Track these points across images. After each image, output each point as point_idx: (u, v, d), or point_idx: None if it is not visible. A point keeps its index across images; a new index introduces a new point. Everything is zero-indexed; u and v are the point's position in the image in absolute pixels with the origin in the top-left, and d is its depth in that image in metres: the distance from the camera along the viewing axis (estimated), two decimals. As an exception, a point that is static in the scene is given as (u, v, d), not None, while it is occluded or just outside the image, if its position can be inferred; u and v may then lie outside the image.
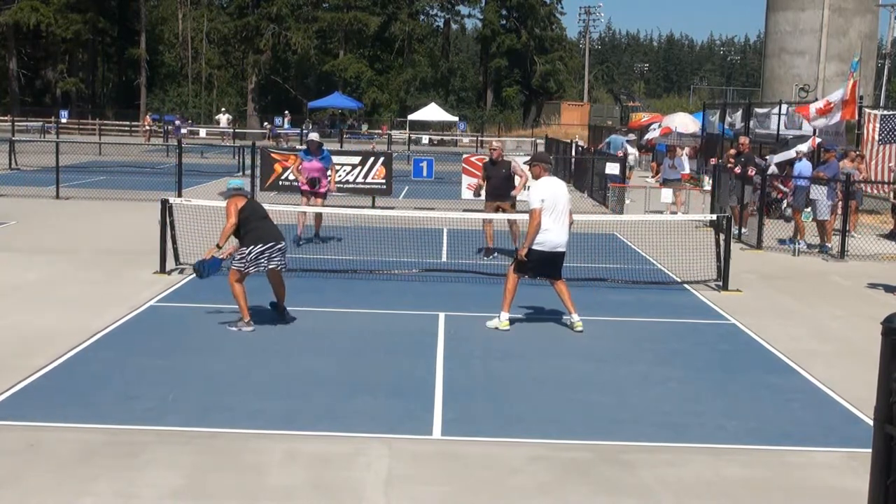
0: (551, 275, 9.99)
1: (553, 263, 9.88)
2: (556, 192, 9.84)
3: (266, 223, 9.64)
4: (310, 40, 70.72)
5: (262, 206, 9.93)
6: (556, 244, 9.77)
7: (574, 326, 9.94)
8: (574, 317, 9.94)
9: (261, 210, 9.79)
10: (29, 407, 7.01)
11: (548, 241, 9.70)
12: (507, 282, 9.94)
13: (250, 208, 9.62)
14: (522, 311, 10.75)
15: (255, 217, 9.59)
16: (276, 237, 9.59)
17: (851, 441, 6.76)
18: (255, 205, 9.87)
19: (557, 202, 9.79)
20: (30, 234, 15.79)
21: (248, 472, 5.93)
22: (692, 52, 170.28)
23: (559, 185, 10.09)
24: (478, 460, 6.25)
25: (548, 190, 9.78)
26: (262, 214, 9.72)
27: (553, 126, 65.54)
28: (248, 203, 9.67)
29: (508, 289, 9.89)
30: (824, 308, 11.76)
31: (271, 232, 9.61)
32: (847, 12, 30.55)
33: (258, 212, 9.70)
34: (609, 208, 22.21)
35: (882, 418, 3.84)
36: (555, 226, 9.72)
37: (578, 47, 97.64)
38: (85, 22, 65.69)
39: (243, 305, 9.46)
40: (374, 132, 59.01)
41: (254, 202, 9.94)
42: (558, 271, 9.97)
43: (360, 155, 21.69)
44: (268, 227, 9.62)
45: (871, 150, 22.17)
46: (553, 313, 10.64)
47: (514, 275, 9.90)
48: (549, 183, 9.91)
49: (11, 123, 45.80)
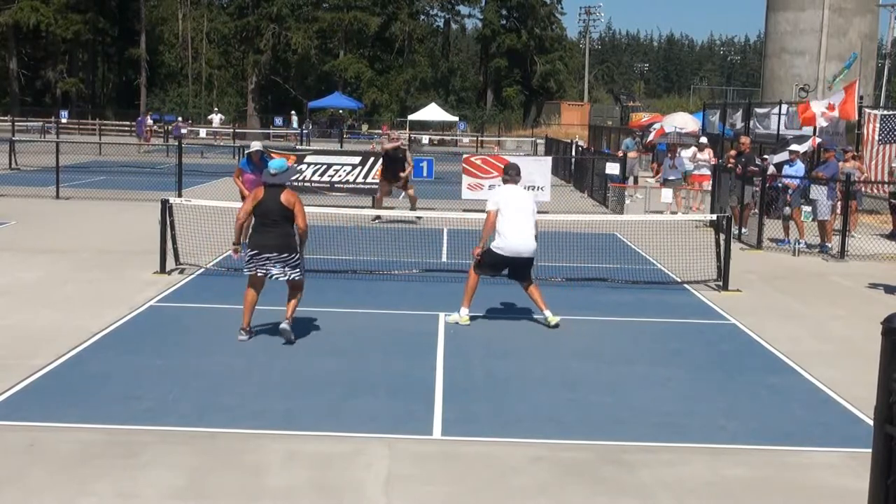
0: (517, 278, 10.17)
1: (515, 268, 10.05)
2: (512, 199, 9.97)
3: (260, 227, 9.02)
4: (310, 40, 70.73)
5: (276, 206, 8.94)
6: (514, 250, 9.88)
7: (549, 321, 10.01)
8: (547, 313, 10.04)
9: (270, 209, 8.96)
10: (29, 407, 7.01)
11: (506, 247, 9.87)
12: (468, 279, 10.17)
13: (261, 206, 9.01)
14: (522, 310, 10.75)
15: (259, 215, 9.05)
16: (260, 245, 8.92)
17: (851, 441, 6.76)
18: (270, 202, 8.99)
19: (519, 206, 9.91)
20: (30, 234, 15.79)
21: (248, 473, 5.93)
22: (692, 52, 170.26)
23: (518, 192, 10.18)
24: (478, 460, 6.25)
25: (503, 196, 10.04)
26: (271, 216, 8.96)
27: (553, 126, 65.53)
28: (265, 197, 8.99)
29: (469, 286, 10.13)
30: (824, 308, 11.76)
31: (257, 239, 8.99)
32: (847, 12, 30.55)
33: (265, 213, 8.99)
34: (609, 208, 22.21)
35: (882, 418, 3.84)
36: (512, 232, 9.83)
37: (578, 47, 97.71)
38: (85, 22, 65.75)
39: (244, 312, 9.15)
40: (374, 132, 59.04)
41: (272, 201, 8.98)
42: (524, 276, 10.12)
43: (360, 155, 21.69)
44: (260, 231, 9.00)
45: (870, 150, 22.16)
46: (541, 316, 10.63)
47: (474, 273, 10.14)
48: (506, 190, 10.15)
49: (11, 123, 45.80)
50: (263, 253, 8.91)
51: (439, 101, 67.19)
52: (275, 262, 8.93)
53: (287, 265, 8.96)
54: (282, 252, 8.92)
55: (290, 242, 8.97)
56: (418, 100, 69.94)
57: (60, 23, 64.53)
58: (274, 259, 8.92)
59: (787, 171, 18.03)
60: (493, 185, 20.50)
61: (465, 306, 10.10)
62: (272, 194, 8.97)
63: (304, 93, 72.95)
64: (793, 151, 18.81)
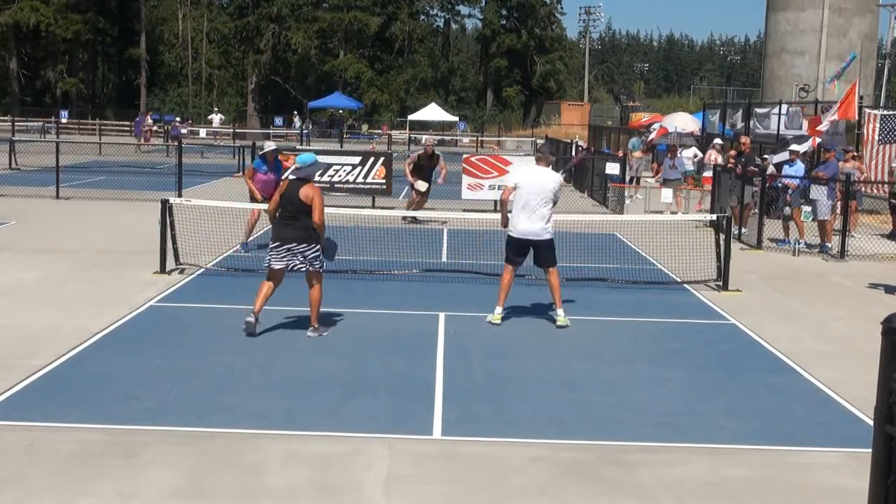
0: (537, 262, 10.28)
1: (530, 250, 10.14)
2: (532, 180, 10.00)
3: (281, 219, 9.26)
4: (310, 40, 70.75)
5: (295, 200, 9.15)
6: (522, 231, 9.99)
7: (556, 321, 10.06)
8: (559, 312, 10.09)
9: (290, 203, 9.18)
10: (29, 407, 7.01)
11: (515, 228, 10.05)
12: (502, 276, 10.26)
13: (282, 199, 9.24)
14: (523, 310, 10.76)
15: (280, 208, 9.28)
16: (282, 237, 9.23)
17: (851, 441, 6.76)
18: (290, 196, 9.20)
19: (532, 190, 9.90)
20: (30, 234, 15.79)
21: (248, 473, 5.93)
22: (692, 52, 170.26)
23: (536, 175, 10.12)
24: (478, 460, 6.25)
25: (523, 176, 10.21)
26: (290, 210, 9.20)
27: (553, 126, 65.55)
28: (287, 190, 9.22)
29: (502, 284, 10.22)
30: (824, 308, 11.76)
31: (278, 231, 9.30)
32: (847, 12, 30.56)
33: (284, 205, 9.23)
34: (609, 208, 22.21)
35: (882, 418, 3.84)
36: (519, 215, 9.95)
37: (578, 47, 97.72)
38: (85, 22, 65.77)
39: (257, 298, 9.31)
40: (374, 132, 59.04)
41: (292, 194, 9.19)
42: (543, 259, 10.15)
43: (360, 155, 21.70)
44: (281, 224, 9.27)
45: (870, 150, 22.16)
46: (553, 313, 10.63)
47: (506, 266, 10.24)
48: (532, 170, 10.29)
49: (11, 123, 45.80)
50: (285, 244, 9.20)
51: (439, 101, 67.20)
52: (296, 253, 9.21)
53: (307, 256, 9.23)
54: (301, 243, 9.19)
55: (310, 234, 9.22)
56: (418, 100, 69.95)
57: (60, 23, 64.54)
58: (295, 249, 9.20)
59: (787, 171, 18.03)
60: (493, 185, 20.59)
61: (500, 304, 10.14)
62: (293, 188, 9.24)
63: (304, 93, 72.97)
64: (793, 151, 18.80)
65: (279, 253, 9.23)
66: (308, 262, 9.25)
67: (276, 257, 9.26)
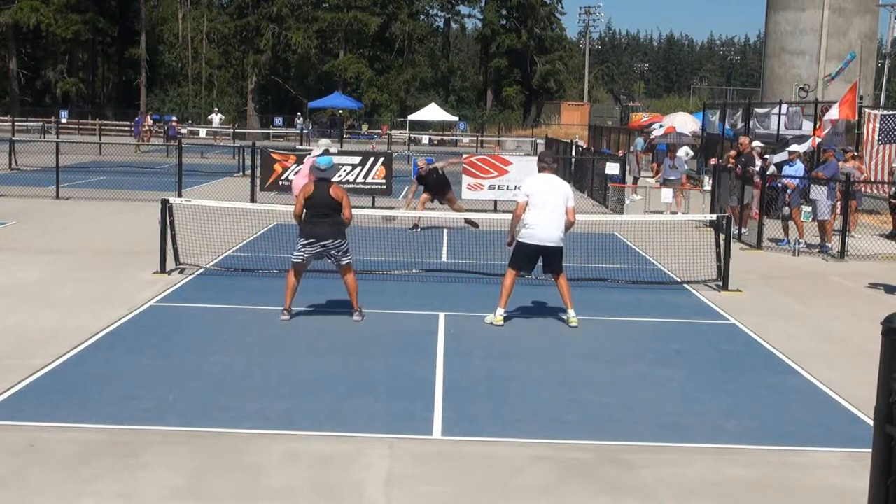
0: (547, 269, 10.17)
1: (546, 258, 10.03)
2: (545, 189, 9.94)
3: (313, 217, 9.74)
4: (310, 40, 70.72)
5: (327, 198, 9.74)
6: (540, 239, 9.89)
7: (569, 321, 10.08)
8: (570, 312, 10.10)
9: (321, 202, 9.71)
10: (29, 407, 7.01)
11: (533, 236, 9.92)
12: (505, 278, 10.17)
13: (312, 199, 9.75)
14: (523, 310, 10.76)
15: (310, 208, 9.77)
16: (315, 235, 9.73)
17: (851, 441, 6.76)
18: (321, 195, 9.75)
19: (547, 199, 9.88)
20: (29, 234, 15.79)
21: (248, 473, 5.92)
22: (692, 52, 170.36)
23: (552, 181, 10.13)
24: (479, 460, 6.25)
25: (534, 185, 10.04)
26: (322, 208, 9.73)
27: (553, 126, 65.59)
28: (315, 192, 9.76)
29: (505, 285, 10.13)
30: (824, 308, 11.76)
31: (310, 229, 9.75)
32: (847, 12, 30.52)
33: (316, 205, 9.74)
34: (609, 208, 22.21)
35: (882, 418, 3.84)
36: (540, 221, 9.85)
37: (578, 47, 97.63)
38: (85, 22, 65.75)
39: (286, 296, 9.93)
40: (374, 132, 59.05)
41: (322, 194, 9.76)
42: (553, 267, 10.09)
43: (360, 155, 21.69)
44: (313, 222, 9.75)
45: (870, 150, 22.16)
46: (553, 313, 10.65)
47: (511, 270, 10.14)
48: (540, 179, 10.12)
49: (11, 123, 45.81)
50: (319, 241, 9.75)
51: (439, 101, 67.21)
52: (330, 249, 9.78)
53: (339, 251, 9.81)
54: (335, 239, 9.78)
55: (340, 230, 9.88)
56: (418, 100, 69.97)
57: (60, 23, 64.52)
58: (329, 246, 9.78)
59: (787, 171, 18.03)
60: (493, 185, 20.59)
61: (501, 306, 10.10)
62: (322, 188, 9.82)
63: (304, 93, 72.99)
64: (792, 151, 18.80)
65: (311, 249, 9.77)
66: (340, 255, 9.82)
67: (308, 253, 9.79)
